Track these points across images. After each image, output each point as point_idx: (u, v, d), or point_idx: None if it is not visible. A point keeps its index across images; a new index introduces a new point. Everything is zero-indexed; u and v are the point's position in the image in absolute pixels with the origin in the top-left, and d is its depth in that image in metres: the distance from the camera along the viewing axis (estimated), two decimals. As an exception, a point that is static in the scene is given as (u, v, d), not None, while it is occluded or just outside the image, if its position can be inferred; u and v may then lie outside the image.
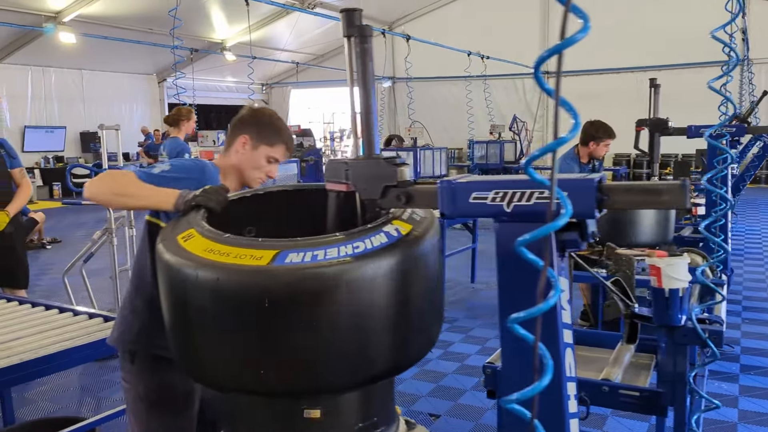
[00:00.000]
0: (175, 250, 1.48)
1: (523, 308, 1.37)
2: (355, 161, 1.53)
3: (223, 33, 16.25)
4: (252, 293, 1.35)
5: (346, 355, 1.40)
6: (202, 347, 1.48)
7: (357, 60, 1.50)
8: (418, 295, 1.47)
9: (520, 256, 1.35)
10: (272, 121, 2.05)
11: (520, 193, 1.31)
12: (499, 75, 14.13)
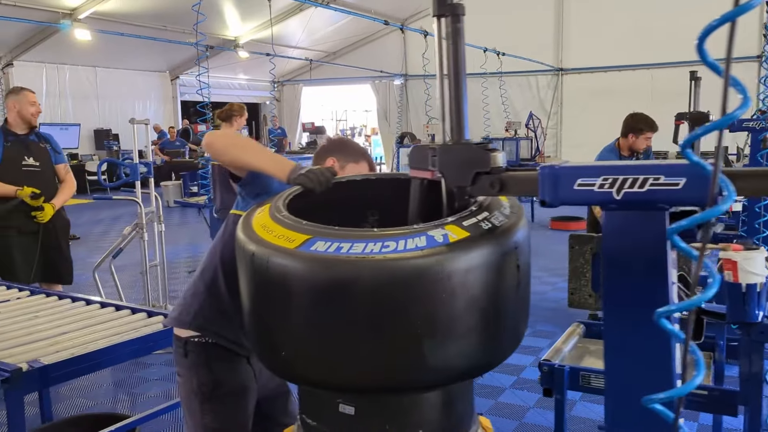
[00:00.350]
0: (252, 235, 1.43)
1: (632, 302, 1.31)
2: (443, 146, 1.46)
3: (237, 30, 16.20)
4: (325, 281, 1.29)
5: (444, 348, 1.33)
6: (276, 335, 1.42)
7: (448, 40, 1.43)
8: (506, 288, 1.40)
9: (630, 246, 1.30)
10: (353, 145, 2.17)
11: (632, 179, 1.24)
12: (514, 72, 14.04)
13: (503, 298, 1.39)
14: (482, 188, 1.43)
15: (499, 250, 1.37)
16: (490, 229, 1.39)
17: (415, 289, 1.29)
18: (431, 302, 1.29)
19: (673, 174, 1.21)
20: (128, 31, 12.98)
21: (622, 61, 14.53)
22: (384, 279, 1.28)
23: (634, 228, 1.28)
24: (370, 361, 1.33)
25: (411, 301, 1.29)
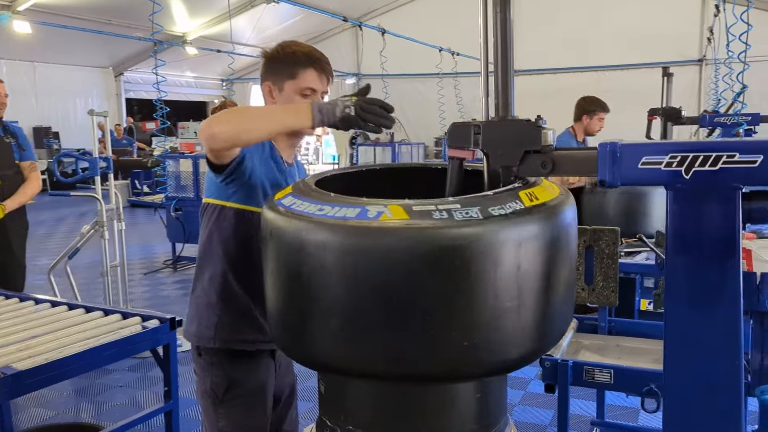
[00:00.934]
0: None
1: (701, 285, 1.23)
2: (488, 123, 1.36)
3: (185, 26, 15.73)
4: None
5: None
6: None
7: (495, 7, 1.33)
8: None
9: (701, 230, 1.22)
10: (285, 51, 1.75)
11: (704, 156, 1.17)
12: (468, 72, 14.09)
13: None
14: (532, 168, 1.33)
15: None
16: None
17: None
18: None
19: (749, 151, 1.14)
20: (71, 24, 12.40)
21: (570, 63, 14.80)
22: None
23: (704, 210, 1.20)
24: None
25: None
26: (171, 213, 6.42)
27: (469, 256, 1.12)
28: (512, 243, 1.15)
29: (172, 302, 5.66)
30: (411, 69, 14.32)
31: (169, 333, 2.49)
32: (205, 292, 1.78)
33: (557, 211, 1.25)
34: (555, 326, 1.32)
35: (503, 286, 1.15)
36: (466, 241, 1.12)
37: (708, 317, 1.23)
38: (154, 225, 8.81)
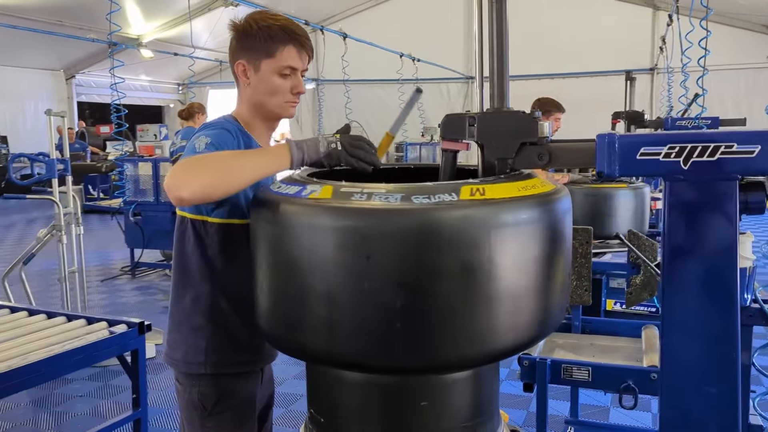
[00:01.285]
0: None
1: (701, 280, 1.23)
2: (484, 114, 1.34)
3: (139, 29, 15.39)
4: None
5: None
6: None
7: (492, 2, 1.31)
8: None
9: (699, 220, 1.22)
10: (259, 25, 1.58)
11: (702, 147, 1.17)
12: (428, 79, 14.19)
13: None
14: (528, 160, 1.32)
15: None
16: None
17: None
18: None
19: (747, 141, 1.15)
20: (19, 25, 11.98)
21: (527, 71, 15.06)
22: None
23: (702, 200, 1.21)
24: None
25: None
26: (130, 218, 6.23)
27: (365, 239, 1.14)
28: (412, 233, 1.12)
29: (132, 309, 5.50)
30: (372, 74, 14.33)
31: (137, 338, 2.40)
32: (188, 315, 1.63)
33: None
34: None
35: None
36: (362, 224, 1.14)
37: (705, 307, 1.23)
38: (109, 231, 8.55)
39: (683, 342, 1.25)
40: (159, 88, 18.58)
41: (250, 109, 1.65)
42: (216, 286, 1.59)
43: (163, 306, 5.58)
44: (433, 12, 15.97)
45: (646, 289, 2.72)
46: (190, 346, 1.62)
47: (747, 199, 1.21)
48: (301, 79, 1.64)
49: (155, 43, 15.23)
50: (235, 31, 1.62)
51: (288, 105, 1.64)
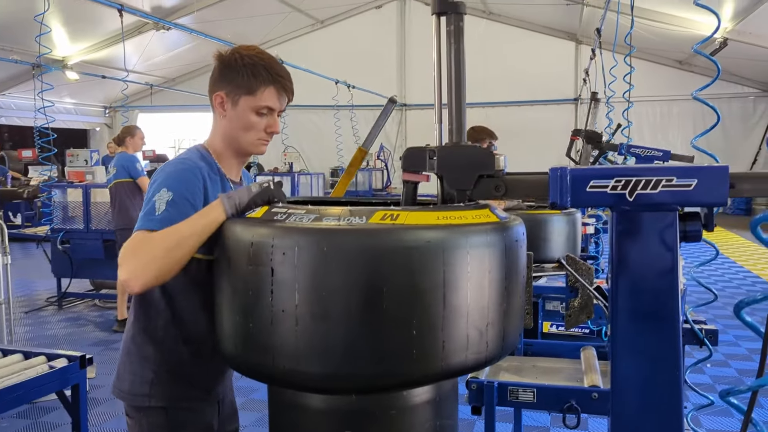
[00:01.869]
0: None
1: (646, 302, 1.32)
2: (443, 148, 1.40)
3: (65, 50, 14.92)
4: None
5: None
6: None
7: (450, 38, 1.38)
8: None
9: (643, 248, 1.31)
10: (244, 61, 1.58)
11: (645, 180, 1.27)
12: (363, 105, 14.36)
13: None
14: (485, 191, 1.39)
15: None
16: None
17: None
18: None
19: (685, 175, 1.25)
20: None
21: (444, 98, 15.48)
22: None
23: (646, 229, 1.30)
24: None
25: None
26: (57, 246, 5.99)
27: (268, 253, 1.21)
28: (309, 250, 1.18)
29: (60, 342, 5.26)
30: (308, 100, 14.38)
31: (78, 372, 2.32)
32: (138, 345, 1.61)
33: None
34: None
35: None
36: (266, 238, 1.22)
37: (651, 329, 1.32)
38: (32, 260, 8.19)
39: (632, 364, 1.33)
40: (85, 111, 18.00)
41: (223, 140, 1.67)
42: (171, 317, 1.59)
43: (94, 338, 5.37)
44: (367, 40, 16.26)
45: (584, 311, 2.83)
46: (136, 377, 1.61)
47: (686, 228, 1.31)
48: (277, 119, 1.66)
49: (81, 65, 14.80)
50: (219, 61, 1.62)
51: (260, 142, 1.66)
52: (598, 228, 5.48)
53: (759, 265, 8.59)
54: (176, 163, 1.60)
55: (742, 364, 4.64)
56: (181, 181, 1.52)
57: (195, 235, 1.41)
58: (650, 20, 10.91)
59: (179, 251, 1.40)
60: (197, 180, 1.55)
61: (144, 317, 1.62)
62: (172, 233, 1.42)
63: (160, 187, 1.50)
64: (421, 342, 1.19)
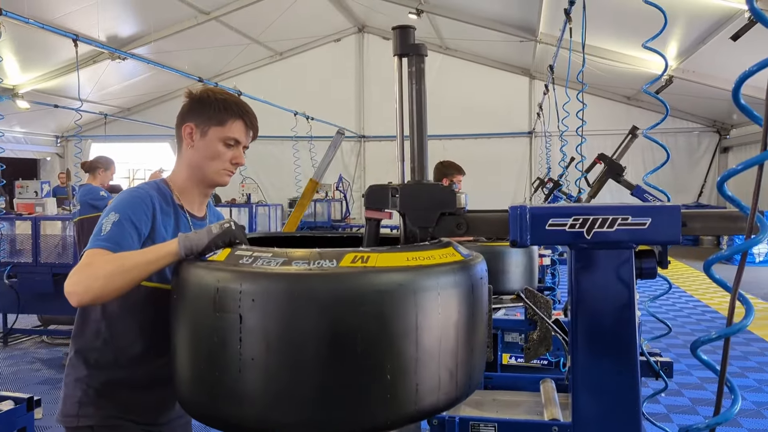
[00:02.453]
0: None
1: (604, 337, 1.35)
2: (406, 186, 1.41)
3: (16, 79, 14.60)
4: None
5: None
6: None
7: (411, 79, 1.41)
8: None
9: (601, 284, 1.34)
10: (216, 97, 1.70)
11: (602, 219, 1.31)
12: (322, 137, 14.40)
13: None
14: (447, 229, 1.41)
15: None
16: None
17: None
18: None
19: (639, 215, 1.30)
20: None
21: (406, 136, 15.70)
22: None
23: (603, 266, 1.33)
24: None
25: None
26: (4, 280, 5.77)
27: (236, 299, 1.17)
28: (279, 297, 1.17)
29: (5, 381, 5.03)
30: (266, 131, 14.36)
31: (25, 415, 2.22)
32: (74, 366, 1.67)
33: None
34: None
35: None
36: (233, 283, 1.19)
37: (610, 364, 1.34)
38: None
39: (592, 398, 1.35)
40: (35, 140, 17.57)
41: (188, 171, 1.73)
42: (107, 339, 1.64)
43: (41, 377, 5.16)
44: (326, 72, 16.41)
45: (543, 344, 2.87)
46: (68, 398, 1.66)
47: (641, 265, 1.35)
48: (242, 153, 1.74)
49: (33, 93, 14.49)
50: (189, 98, 1.73)
51: (224, 172, 1.73)
52: (554, 259, 5.57)
53: (708, 294, 8.86)
54: (129, 191, 1.69)
55: (695, 392, 4.74)
56: (128, 206, 1.60)
57: (140, 266, 1.45)
58: (600, 58, 11.32)
59: (121, 278, 1.44)
60: (145, 206, 1.61)
61: (81, 338, 1.67)
62: (118, 259, 1.47)
63: (110, 212, 1.58)
64: (395, 386, 1.18)
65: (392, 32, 1.42)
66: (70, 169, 8.00)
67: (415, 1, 12.59)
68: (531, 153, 16.25)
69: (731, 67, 10.16)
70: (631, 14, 9.29)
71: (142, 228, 1.58)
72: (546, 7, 10.59)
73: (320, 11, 14.70)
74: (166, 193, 1.70)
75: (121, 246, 1.50)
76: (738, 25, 7.97)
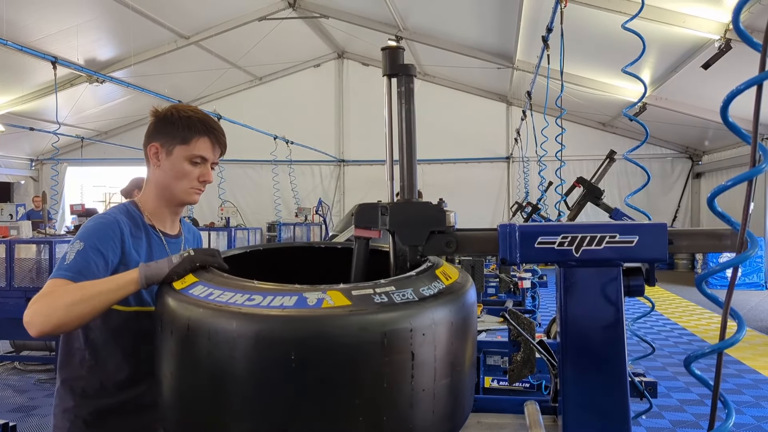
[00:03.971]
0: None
1: (592, 356, 1.36)
2: (396, 205, 1.42)
3: (-11, 101, 14.43)
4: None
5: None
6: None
7: (401, 99, 1.42)
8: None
9: (590, 301, 1.35)
10: (180, 114, 1.66)
11: (590, 237, 1.32)
12: (302, 161, 14.45)
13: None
14: (437, 247, 1.41)
15: (371, 333, 1.13)
16: (383, 304, 1.16)
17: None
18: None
19: (627, 232, 1.32)
20: None
21: (395, 156, 15.80)
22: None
23: (592, 284, 1.35)
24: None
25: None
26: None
27: (411, 337, 1.13)
28: (444, 323, 1.18)
29: (-25, 409, 4.89)
30: (246, 155, 14.34)
31: (1, 442, 2.15)
32: (61, 397, 1.64)
33: (467, 288, 1.34)
34: (468, 402, 1.38)
35: (440, 366, 1.18)
36: (408, 323, 1.13)
37: (599, 381, 1.35)
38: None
39: (583, 418, 1.35)
40: (9, 163, 17.32)
41: (156, 191, 1.71)
42: (93, 367, 1.61)
43: (13, 404, 5.02)
44: (306, 97, 16.49)
45: (527, 365, 2.87)
46: (58, 430, 1.63)
47: (629, 282, 1.36)
48: (210, 170, 1.71)
49: (7, 116, 14.33)
50: (155, 117, 1.70)
51: (193, 191, 1.70)
52: (534, 282, 5.61)
53: (684, 318, 8.96)
54: (96, 217, 1.65)
55: (675, 415, 4.77)
56: (93, 233, 1.57)
57: (101, 294, 1.43)
58: (576, 84, 11.53)
59: (81, 307, 1.41)
60: (112, 233, 1.59)
61: (67, 368, 1.64)
62: (78, 289, 1.44)
63: (75, 240, 1.56)
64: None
65: (381, 53, 1.43)
66: (47, 192, 7.85)
67: (394, 28, 12.75)
68: (509, 178, 16.42)
69: (702, 94, 10.43)
70: (605, 43, 9.52)
71: (109, 255, 1.55)
72: (523, 35, 10.80)
73: (300, 37, 14.82)
74: (135, 215, 1.68)
75: (84, 275, 1.47)
76: (708, 54, 8.19)
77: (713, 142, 13.86)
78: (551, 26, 5.41)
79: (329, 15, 13.17)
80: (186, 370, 1.21)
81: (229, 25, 12.92)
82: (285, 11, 13.11)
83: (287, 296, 1.14)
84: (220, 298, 1.19)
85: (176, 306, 1.25)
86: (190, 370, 1.19)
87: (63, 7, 10.86)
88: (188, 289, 1.29)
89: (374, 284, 1.19)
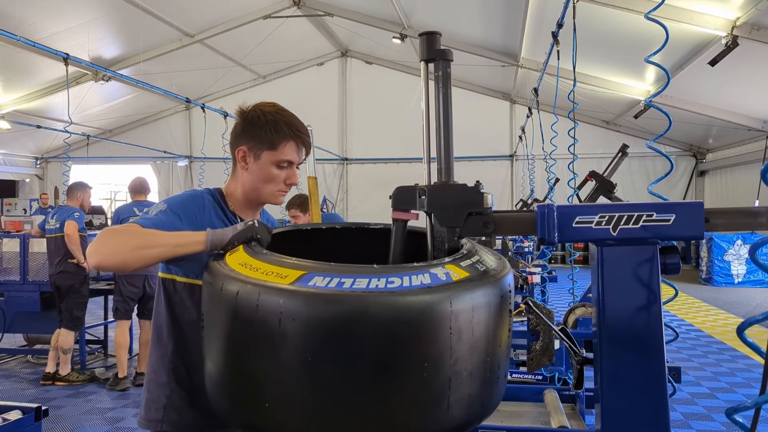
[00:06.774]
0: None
1: (631, 328, 1.39)
2: (433, 187, 1.45)
3: (-3, 99, 14.48)
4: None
5: (453, 394, 1.24)
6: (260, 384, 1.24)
7: (438, 83, 1.45)
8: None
9: (627, 280, 1.38)
10: (267, 117, 1.67)
11: (627, 216, 1.35)
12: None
13: (501, 342, 1.36)
14: (474, 229, 1.44)
15: (498, 292, 1.31)
16: (485, 272, 1.34)
17: (424, 328, 1.20)
18: (439, 342, 1.20)
19: (664, 211, 1.35)
20: None
21: (397, 155, 15.84)
22: (393, 315, 1.18)
23: (629, 262, 1.38)
24: (374, 408, 1.21)
25: (419, 340, 1.20)
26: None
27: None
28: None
29: (-10, 402, 4.92)
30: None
31: (33, 425, 2.19)
32: (156, 372, 1.67)
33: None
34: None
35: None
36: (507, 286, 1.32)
37: (638, 362, 1.37)
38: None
39: (622, 398, 1.37)
40: (14, 161, 17.37)
41: (243, 191, 1.73)
42: (180, 344, 1.64)
43: (28, 396, 5.06)
44: (309, 95, 16.50)
45: (546, 354, 2.91)
46: (152, 403, 1.65)
47: (666, 261, 1.39)
48: (295, 172, 1.74)
49: (14, 114, 14.37)
50: (241, 117, 1.71)
51: (279, 193, 1.74)
52: (544, 277, 5.63)
53: (690, 314, 8.98)
54: (184, 192, 1.72)
55: (708, 401, 4.85)
56: (179, 202, 1.64)
57: (167, 246, 1.47)
58: (581, 82, 11.56)
59: (146, 252, 1.45)
60: (195, 204, 1.65)
61: (159, 345, 1.68)
62: (149, 235, 1.48)
63: (161, 202, 1.63)
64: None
65: (419, 38, 1.47)
66: (59, 188, 7.89)
67: (398, 25, 12.78)
68: (512, 176, 16.44)
69: (708, 92, 10.45)
70: (610, 40, 9.54)
71: (185, 221, 1.59)
72: (528, 33, 10.82)
73: (304, 35, 14.86)
74: (220, 202, 1.72)
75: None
76: (715, 51, 8.22)
77: (717, 140, 13.89)
78: (562, 21, 5.43)
79: (334, 13, 13.21)
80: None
81: (234, 24, 12.96)
82: (290, 9, 13.15)
83: (420, 274, 1.23)
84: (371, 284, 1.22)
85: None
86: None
87: (71, 5, 10.91)
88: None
89: (460, 257, 1.33)
